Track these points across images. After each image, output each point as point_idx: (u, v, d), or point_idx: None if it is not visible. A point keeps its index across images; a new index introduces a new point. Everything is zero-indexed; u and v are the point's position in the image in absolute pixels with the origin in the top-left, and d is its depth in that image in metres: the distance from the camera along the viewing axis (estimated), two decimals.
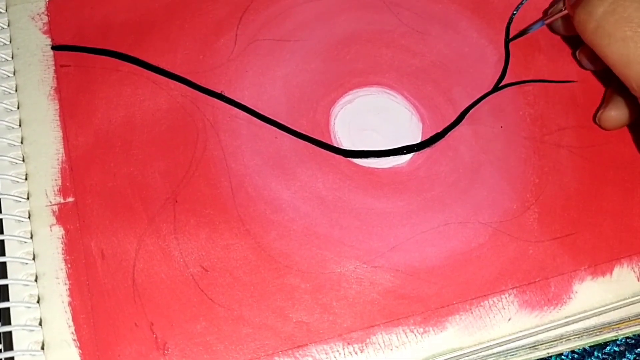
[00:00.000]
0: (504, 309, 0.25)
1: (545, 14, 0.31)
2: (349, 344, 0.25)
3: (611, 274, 0.26)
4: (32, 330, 0.24)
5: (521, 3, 0.31)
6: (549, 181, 0.28)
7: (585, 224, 0.27)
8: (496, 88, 0.30)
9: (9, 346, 0.24)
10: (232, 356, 0.24)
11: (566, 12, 0.28)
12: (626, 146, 0.29)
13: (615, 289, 0.26)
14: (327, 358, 0.24)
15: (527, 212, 0.27)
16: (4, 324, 0.24)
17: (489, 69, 0.30)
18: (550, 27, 0.31)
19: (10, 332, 0.24)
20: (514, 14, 0.31)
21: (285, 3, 0.31)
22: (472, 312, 0.25)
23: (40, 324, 0.24)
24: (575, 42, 0.30)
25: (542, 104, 0.30)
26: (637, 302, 0.27)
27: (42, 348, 0.24)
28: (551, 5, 0.31)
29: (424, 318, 0.25)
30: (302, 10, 0.31)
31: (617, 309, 0.27)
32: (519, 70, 0.30)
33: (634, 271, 0.27)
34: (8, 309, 0.24)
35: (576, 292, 0.26)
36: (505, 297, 0.26)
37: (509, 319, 0.25)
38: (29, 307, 0.24)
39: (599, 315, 0.27)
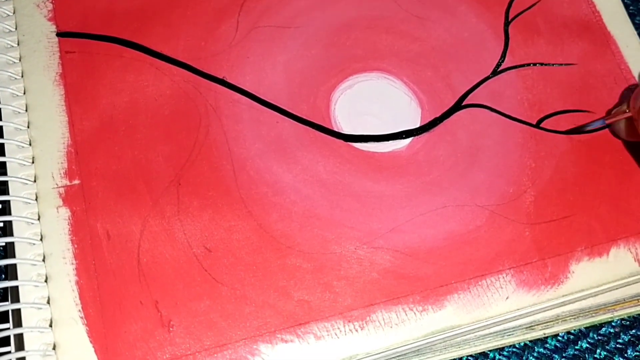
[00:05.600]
0: (502, 288, 0.26)
1: (609, 113, 0.29)
2: (349, 321, 0.25)
3: (608, 254, 0.27)
4: (41, 308, 0.24)
5: None
6: (545, 165, 0.28)
7: (582, 206, 0.28)
8: (495, 72, 0.30)
9: (18, 323, 0.24)
10: (235, 333, 0.25)
11: (629, 114, 0.27)
12: None
13: (612, 269, 0.27)
14: (328, 335, 0.25)
15: (524, 195, 0.28)
16: (13, 302, 0.25)
17: (489, 53, 0.30)
18: (611, 128, 0.29)
19: (19, 310, 0.24)
20: None
21: None
22: (470, 291, 0.26)
23: (48, 302, 0.25)
24: (635, 147, 0.29)
25: (540, 88, 0.30)
26: (633, 283, 0.27)
27: (50, 325, 0.24)
28: (615, 105, 0.29)
29: (423, 297, 0.26)
30: None
31: (615, 289, 0.27)
32: (519, 54, 0.30)
33: (630, 252, 0.27)
34: (17, 287, 0.24)
35: (573, 272, 0.26)
36: (503, 277, 0.26)
37: (507, 298, 0.26)
38: (37, 286, 0.25)
39: (596, 295, 0.27)
